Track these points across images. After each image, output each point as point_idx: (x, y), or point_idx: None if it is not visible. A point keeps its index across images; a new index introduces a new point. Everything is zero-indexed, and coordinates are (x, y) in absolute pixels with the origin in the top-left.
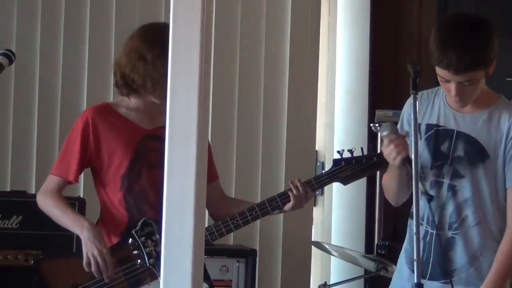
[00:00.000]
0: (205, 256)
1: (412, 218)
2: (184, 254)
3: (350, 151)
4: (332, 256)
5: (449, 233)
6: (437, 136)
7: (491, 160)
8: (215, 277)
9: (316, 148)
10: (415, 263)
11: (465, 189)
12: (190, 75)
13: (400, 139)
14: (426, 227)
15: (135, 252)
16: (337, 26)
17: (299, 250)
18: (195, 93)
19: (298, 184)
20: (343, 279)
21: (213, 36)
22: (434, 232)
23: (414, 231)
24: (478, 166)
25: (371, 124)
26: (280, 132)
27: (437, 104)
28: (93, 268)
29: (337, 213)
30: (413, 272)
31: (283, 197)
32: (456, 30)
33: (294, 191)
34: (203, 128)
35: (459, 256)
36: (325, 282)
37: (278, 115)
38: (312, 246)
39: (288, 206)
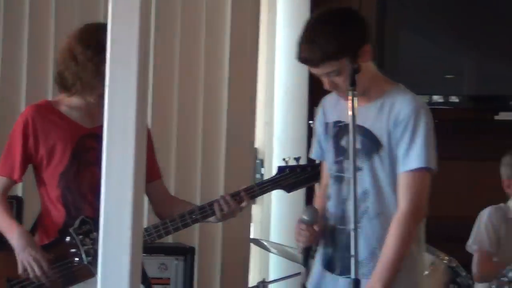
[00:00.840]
0: (144, 254)
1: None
2: (122, 252)
3: (297, 159)
4: (270, 253)
5: (351, 227)
6: (339, 131)
7: (385, 149)
8: (153, 275)
9: (256, 146)
10: (352, 259)
11: (364, 181)
12: (128, 74)
13: (310, 232)
14: (333, 223)
15: (73, 250)
16: (277, 24)
17: (238, 247)
18: (133, 92)
19: (228, 200)
20: (282, 276)
21: (152, 34)
22: (341, 227)
23: (352, 226)
24: (374, 157)
25: (310, 122)
26: (220, 130)
27: (340, 101)
28: (30, 275)
29: (276, 210)
30: (326, 269)
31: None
32: (311, 24)
33: (223, 207)
34: (141, 127)
35: (362, 248)
36: (264, 279)
37: (217, 113)
38: (251, 243)
39: (217, 217)
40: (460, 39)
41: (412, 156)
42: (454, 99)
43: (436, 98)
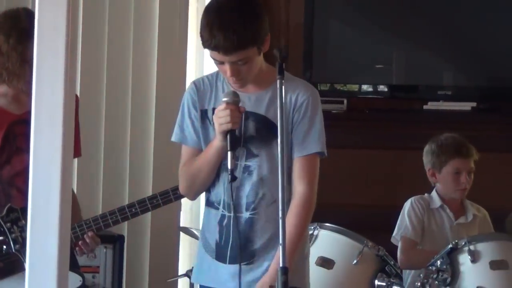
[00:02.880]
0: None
1: (207, 205)
2: (50, 240)
3: None
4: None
5: (247, 214)
6: None
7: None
8: (82, 263)
9: None
10: (280, 247)
11: (260, 168)
12: (56, 61)
13: (237, 111)
14: (223, 211)
15: (0, 238)
16: None
17: (167, 235)
18: (61, 78)
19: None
20: None
21: (81, 24)
22: (232, 215)
23: (280, 215)
24: (271, 143)
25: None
26: (148, 128)
27: (221, 87)
28: None
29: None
30: (215, 259)
31: (164, 196)
32: (222, 10)
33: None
34: (69, 114)
35: (259, 236)
36: (193, 267)
37: (146, 111)
38: (180, 231)
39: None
40: (389, 29)
41: (311, 141)
42: (383, 88)
43: (366, 87)
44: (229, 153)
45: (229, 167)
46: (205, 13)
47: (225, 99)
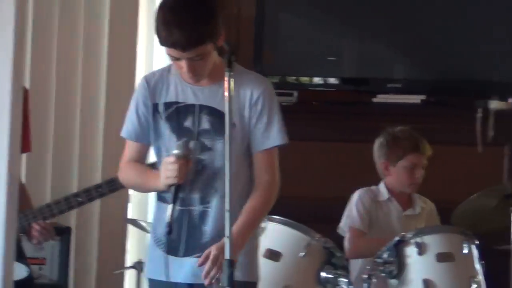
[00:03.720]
0: (21, 234)
1: (159, 199)
2: None
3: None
4: (148, 234)
5: (201, 207)
6: (179, 112)
7: (237, 129)
8: (29, 254)
9: None
10: (227, 239)
11: (214, 161)
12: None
13: (186, 166)
14: (176, 206)
15: None
16: (157, 4)
17: (115, 227)
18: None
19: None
20: None
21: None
22: (185, 208)
23: (226, 207)
24: (224, 136)
25: None
26: (97, 122)
27: (173, 82)
28: None
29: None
30: (167, 253)
31: (110, 184)
32: (178, 7)
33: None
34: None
35: (211, 228)
36: (140, 260)
37: (95, 104)
38: (128, 224)
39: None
40: (341, 22)
41: (272, 134)
42: (333, 81)
43: (317, 80)
44: (169, 206)
45: (166, 220)
46: (160, 10)
47: (176, 151)
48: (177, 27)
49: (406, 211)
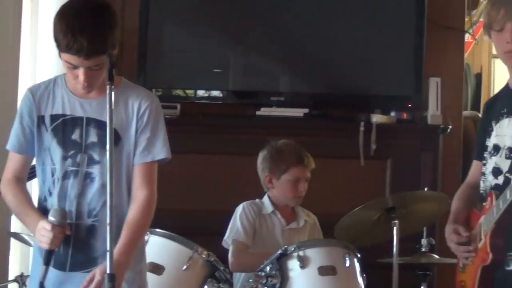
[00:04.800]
0: None
1: (44, 213)
2: None
3: None
4: (31, 247)
5: (89, 221)
6: (65, 125)
7: (123, 142)
8: None
9: None
10: (107, 253)
11: (102, 174)
12: None
13: (60, 234)
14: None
15: None
16: (39, 16)
17: None
18: None
19: None
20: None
21: None
22: (73, 222)
23: (108, 221)
24: (114, 150)
25: None
26: None
27: (59, 94)
28: None
29: None
30: (53, 267)
31: None
32: (82, 14)
33: None
34: None
35: (100, 242)
36: (22, 273)
37: None
38: (11, 237)
39: None
40: (225, 34)
41: (155, 148)
42: (218, 93)
43: (201, 92)
44: (43, 267)
45: (39, 279)
46: (62, 16)
47: (52, 219)
48: (82, 34)
49: (289, 225)
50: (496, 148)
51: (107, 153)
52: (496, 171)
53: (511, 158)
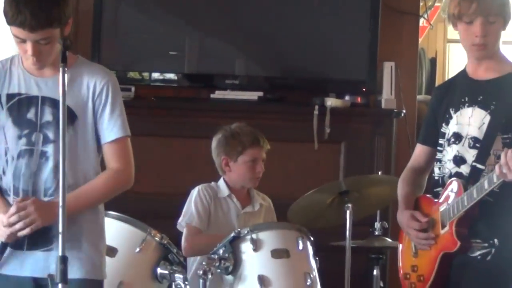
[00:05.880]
0: None
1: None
2: None
3: None
4: None
5: (45, 200)
6: (21, 104)
7: (80, 121)
8: None
9: None
10: (60, 236)
11: (57, 153)
12: None
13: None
14: (15, 198)
15: None
16: None
17: None
18: None
19: None
20: None
21: None
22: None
23: (60, 203)
24: (68, 129)
25: None
26: None
27: (16, 73)
28: None
29: None
30: (11, 247)
31: None
32: None
33: None
34: None
35: (57, 222)
36: None
37: None
38: None
39: None
40: (181, 17)
41: (119, 125)
42: (173, 76)
43: (156, 75)
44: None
45: None
46: None
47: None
48: (26, 6)
49: (245, 208)
50: (457, 136)
51: (60, 133)
52: (459, 160)
53: (476, 147)
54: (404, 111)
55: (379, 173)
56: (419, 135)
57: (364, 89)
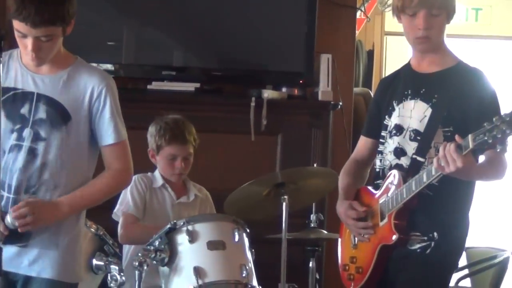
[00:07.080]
0: None
1: None
2: None
3: None
4: None
5: (25, 197)
6: (16, 99)
7: (73, 121)
8: None
9: None
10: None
11: (46, 152)
12: None
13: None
14: (2, 192)
15: None
16: None
17: None
18: None
19: None
20: None
21: None
22: (11, 196)
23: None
24: (60, 128)
25: None
26: None
27: (13, 67)
28: None
29: None
30: None
31: None
32: None
33: None
34: None
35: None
36: None
37: None
38: None
39: None
40: (118, 7)
41: (117, 129)
42: (110, 67)
43: (94, 65)
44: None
45: None
46: None
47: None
48: (32, 1)
49: (179, 199)
50: (399, 128)
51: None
52: (399, 152)
53: (417, 140)
54: (340, 103)
55: (315, 165)
56: (363, 127)
57: (301, 81)
